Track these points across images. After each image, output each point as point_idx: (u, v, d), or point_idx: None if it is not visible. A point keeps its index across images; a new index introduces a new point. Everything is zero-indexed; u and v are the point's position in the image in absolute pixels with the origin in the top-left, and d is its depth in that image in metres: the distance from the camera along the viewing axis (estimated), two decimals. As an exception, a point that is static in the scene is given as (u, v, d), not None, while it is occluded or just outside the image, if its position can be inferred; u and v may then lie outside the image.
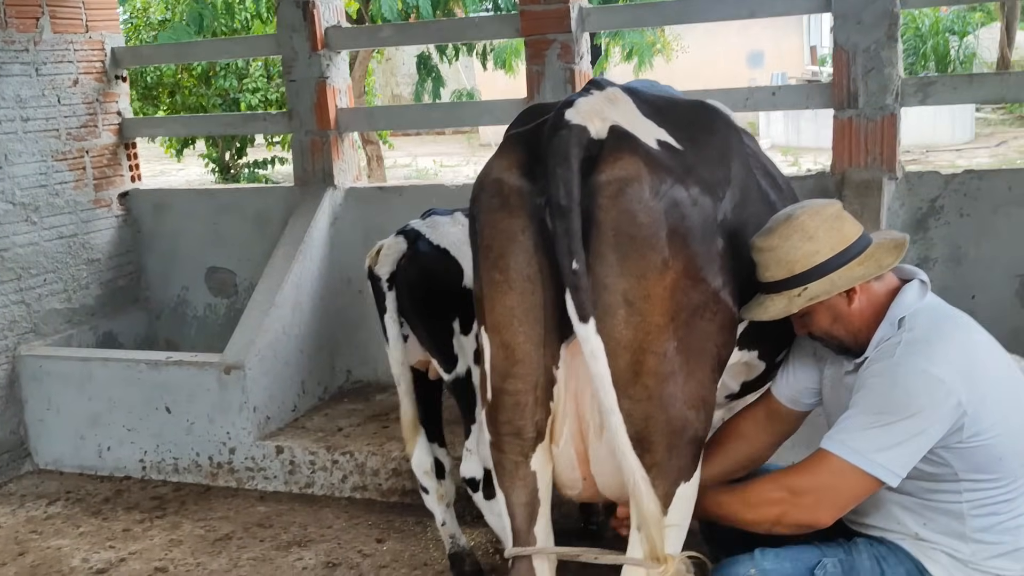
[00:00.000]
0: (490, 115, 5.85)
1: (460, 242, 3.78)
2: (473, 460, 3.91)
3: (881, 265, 2.61)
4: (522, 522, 2.72)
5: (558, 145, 2.40)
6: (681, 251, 2.48)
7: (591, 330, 2.37)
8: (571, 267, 2.35)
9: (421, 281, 3.69)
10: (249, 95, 15.74)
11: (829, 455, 2.54)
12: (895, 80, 4.73)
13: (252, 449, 5.31)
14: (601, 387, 2.40)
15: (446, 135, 29.26)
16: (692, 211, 2.49)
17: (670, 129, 2.62)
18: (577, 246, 2.36)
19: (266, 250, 6.16)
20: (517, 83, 21.53)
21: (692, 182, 2.51)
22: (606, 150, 2.45)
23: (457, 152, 25.27)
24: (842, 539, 2.72)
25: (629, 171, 2.41)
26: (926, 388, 2.47)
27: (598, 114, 2.52)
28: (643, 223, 2.41)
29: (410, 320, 3.77)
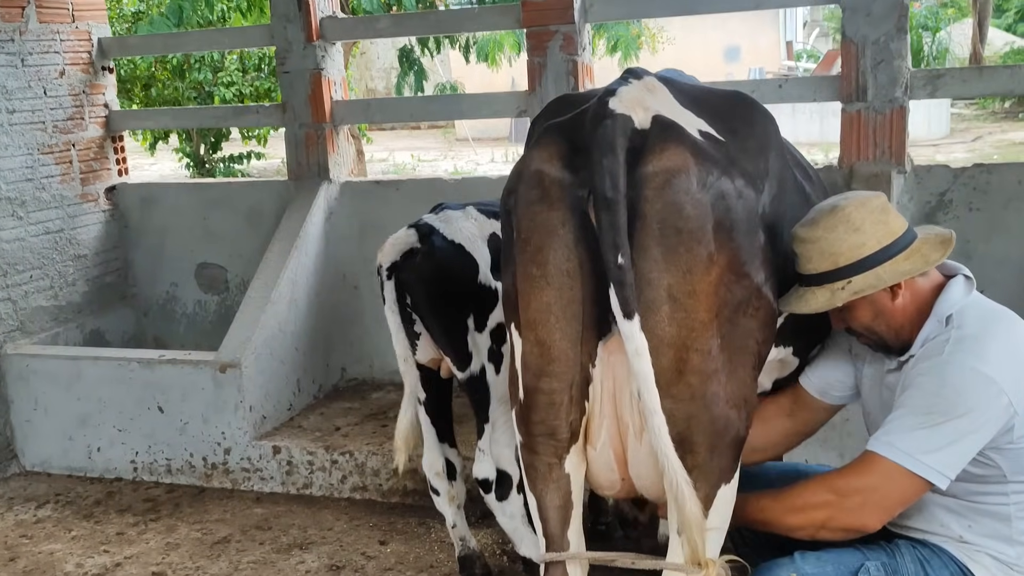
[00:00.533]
0: (489, 108, 5.75)
1: (474, 237, 3.69)
2: (486, 461, 3.81)
3: (928, 260, 2.54)
4: (556, 526, 2.63)
5: (603, 135, 2.31)
6: (726, 245, 2.39)
7: (636, 327, 2.28)
8: (616, 262, 2.26)
9: (436, 277, 3.59)
10: (224, 88, 15.56)
11: (877, 457, 2.47)
12: (904, 72, 4.68)
13: (248, 449, 5.19)
14: (644, 387, 2.31)
15: (422, 129, 29.11)
16: (737, 203, 2.41)
17: (709, 119, 2.54)
18: (623, 240, 2.26)
19: (258, 246, 6.05)
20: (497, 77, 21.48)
21: (737, 174, 2.43)
22: (652, 140, 2.35)
23: (434, 147, 25.16)
24: (883, 542, 2.65)
25: (676, 162, 2.32)
26: (976, 387, 2.40)
27: (640, 103, 2.44)
28: (690, 216, 2.32)
29: (424, 317, 3.67)
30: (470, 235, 3.68)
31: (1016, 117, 24.63)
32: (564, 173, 2.39)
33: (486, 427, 3.80)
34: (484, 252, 3.67)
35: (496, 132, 26.50)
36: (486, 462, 3.81)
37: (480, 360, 3.68)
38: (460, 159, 21.86)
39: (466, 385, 3.75)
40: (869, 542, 2.64)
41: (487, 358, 3.68)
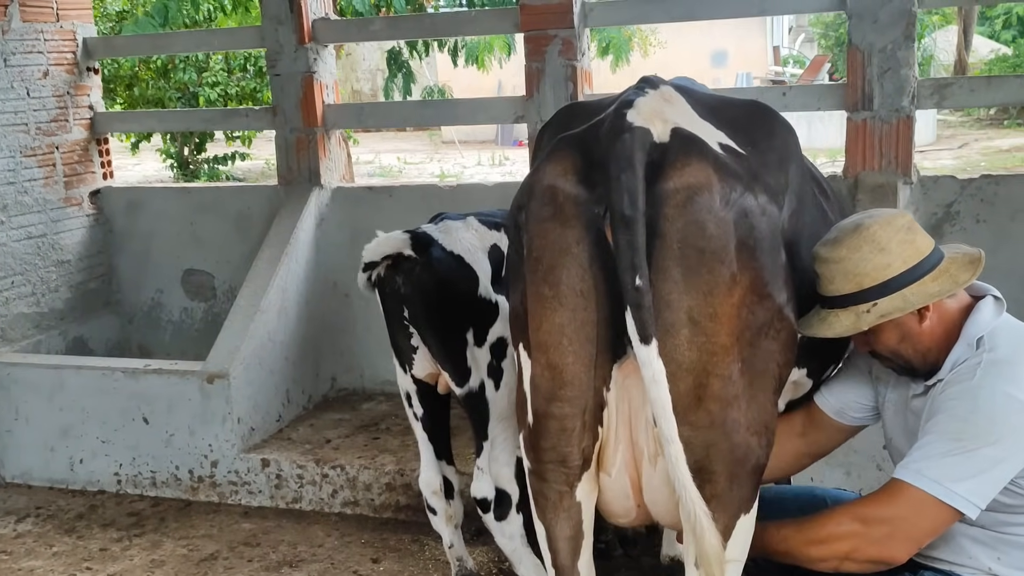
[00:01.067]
0: (486, 113, 5.64)
1: (475, 248, 3.57)
2: (485, 479, 3.70)
3: (957, 282, 2.44)
4: (566, 557, 2.52)
5: (621, 149, 2.19)
6: (749, 265, 2.28)
7: (653, 353, 2.16)
8: (634, 284, 2.14)
9: (435, 289, 3.46)
10: (208, 89, 15.40)
11: (905, 485, 2.36)
12: (911, 81, 4.59)
13: (236, 462, 5.05)
14: (662, 414, 2.20)
15: (407, 131, 28.93)
16: (760, 221, 2.30)
17: (729, 132, 2.43)
18: (641, 260, 2.15)
19: (247, 252, 5.92)
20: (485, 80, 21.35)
21: (760, 190, 2.32)
22: (672, 155, 2.24)
23: (420, 149, 24.98)
24: (908, 574, 2.55)
25: (699, 178, 2.21)
26: (1010, 413, 2.30)
27: (659, 115, 2.32)
28: (712, 235, 2.21)
29: (421, 330, 3.55)
30: (470, 246, 3.56)
31: (1001, 124, 24.67)
32: (579, 189, 2.27)
33: (485, 445, 3.68)
34: (485, 264, 3.56)
35: (483, 135, 26.35)
36: (485, 481, 3.69)
37: (479, 376, 3.57)
38: (447, 162, 21.70)
39: (464, 401, 3.63)
40: (894, 575, 2.54)
41: (487, 373, 3.57)
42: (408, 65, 11.88)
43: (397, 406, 5.70)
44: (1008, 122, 24.83)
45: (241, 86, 15.70)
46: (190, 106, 14.70)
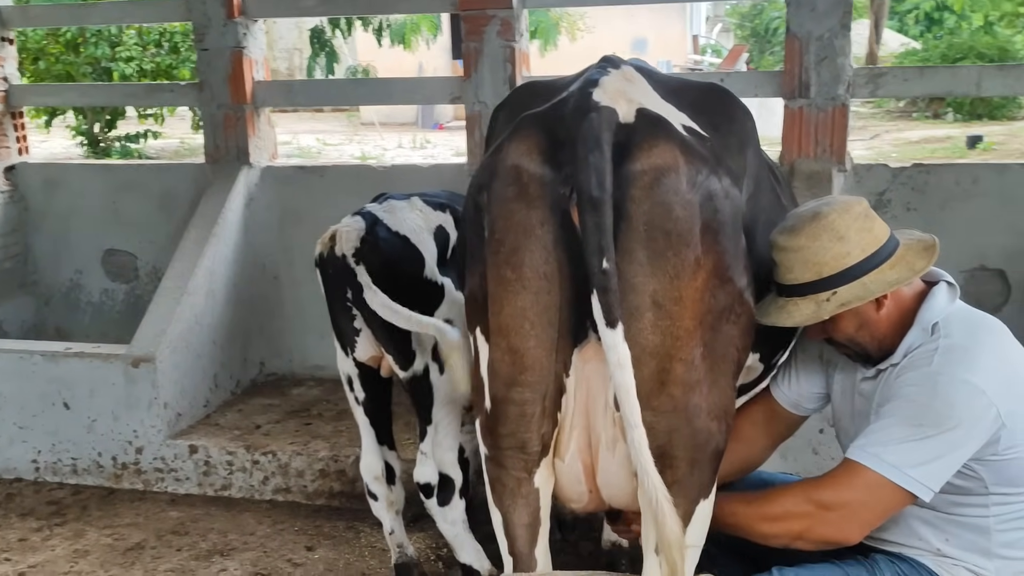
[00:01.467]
0: (421, 93, 5.57)
1: (420, 229, 3.50)
2: (428, 464, 3.64)
3: (914, 269, 2.45)
4: (524, 545, 2.48)
5: (588, 129, 2.14)
6: (713, 248, 2.26)
7: (619, 337, 2.12)
8: (601, 267, 2.10)
9: (381, 270, 3.38)
10: (123, 64, 14.97)
11: (862, 468, 2.37)
12: (847, 70, 4.64)
13: (162, 448, 4.90)
14: (626, 399, 2.16)
15: (324, 112, 28.50)
16: (724, 204, 2.27)
17: (691, 114, 2.40)
18: (608, 243, 2.10)
19: (171, 232, 5.76)
20: (405, 61, 21.07)
21: (723, 173, 2.29)
22: (638, 136, 2.20)
23: (338, 131, 24.60)
24: (860, 556, 2.57)
25: (666, 160, 2.17)
26: (967, 399, 2.32)
27: (623, 95, 2.28)
28: (679, 217, 2.18)
29: (365, 312, 3.46)
30: (416, 227, 3.49)
31: (910, 116, 25.34)
32: (544, 169, 2.22)
33: (429, 429, 3.62)
34: (431, 245, 3.49)
35: (402, 117, 26.09)
36: (428, 466, 3.64)
37: (424, 359, 3.50)
38: (367, 144, 21.40)
39: (408, 385, 3.57)
40: (846, 557, 2.55)
41: (431, 357, 3.50)
42: (331, 44, 11.70)
43: (328, 391, 5.64)
44: (917, 114, 25.50)
45: (157, 62, 15.29)
46: (102, 82, 14.24)
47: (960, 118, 23.79)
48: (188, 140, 20.21)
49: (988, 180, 4.73)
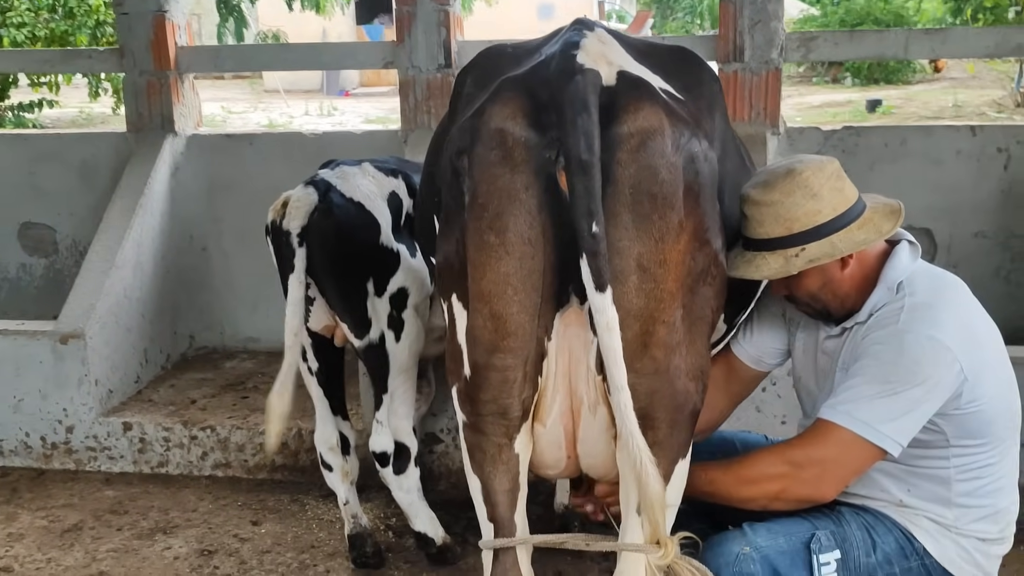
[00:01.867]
0: (353, 58, 5.46)
1: (374, 195, 3.45)
2: (384, 433, 3.63)
3: (881, 231, 2.49)
4: (505, 510, 2.47)
5: (575, 92, 2.12)
6: (694, 211, 2.27)
7: (608, 300, 2.12)
8: (591, 230, 2.09)
9: (335, 237, 3.32)
10: (14, 30, 14.34)
11: (835, 427, 2.42)
12: (780, 34, 4.70)
13: (94, 427, 4.76)
14: (613, 362, 2.16)
15: (226, 79, 27.84)
16: (704, 167, 2.28)
17: (663, 76, 2.40)
18: (598, 206, 2.09)
19: (92, 204, 5.58)
20: (307, 28, 20.71)
21: (702, 135, 2.30)
22: (622, 98, 2.19)
23: (241, 98, 24.07)
24: (827, 510, 2.62)
25: (652, 122, 2.17)
26: (933, 355, 2.38)
27: (603, 57, 2.26)
28: (664, 180, 2.18)
29: (320, 280, 3.40)
30: (369, 192, 3.44)
31: (810, 81, 25.92)
32: (529, 132, 2.19)
33: (384, 398, 3.61)
34: (385, 211, 3.44)
35: (307, 84, 25.65)
36: (384, 434, 3.63)
37: (379, 327, 3.47)
38: (272, 111, 21.03)
39: (363, 354, 3.53)
40: (814, 512, 2.61)
41: (387, 325, 3.47)
42: (240, 9, 11.40)
43: (262, 364, 5.55)
44: (817, 79, 26.11)
45: (51, 28, 14.69)
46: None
47: (858, 83, 24.44)
48: (86, 109, 19.56)
49: (915, 141, 4.86)
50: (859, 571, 2.50)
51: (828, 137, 4.84)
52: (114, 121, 17.19)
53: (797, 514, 2.60)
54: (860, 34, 4.82)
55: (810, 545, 2.51)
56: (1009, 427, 2.55)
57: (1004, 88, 20.54)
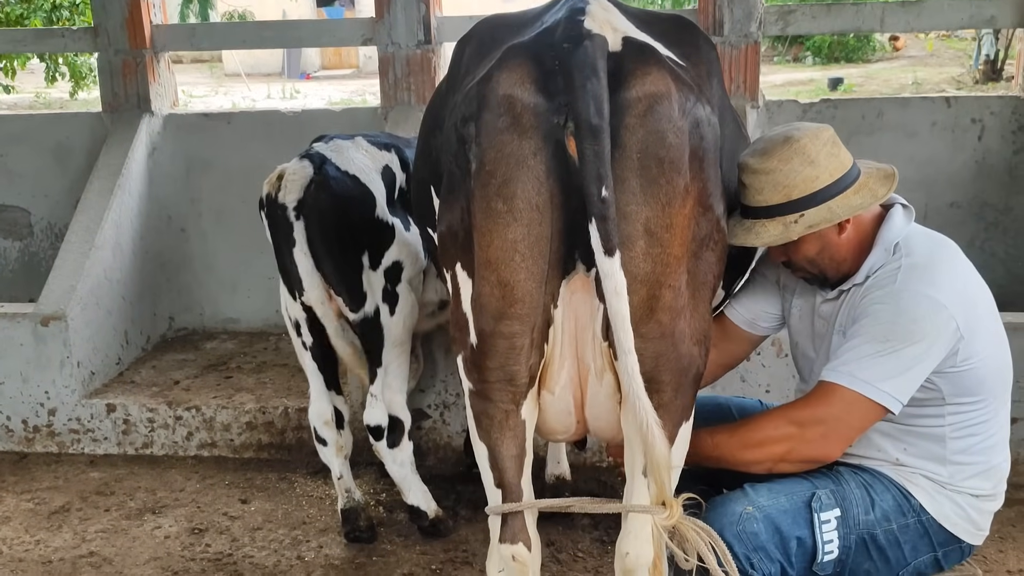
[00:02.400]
0: (332, 36, 5.43)
1: (368, 168, 3.46)
2: (378, 406, 3.64)
3: (876, 195, 2.54)
4: (513, 476, 2.49)
5: (584, 57, 2.14)
6: (698, 175, 2.29)
7: (616, 265, 2.14)
8: (600, 195, 2.10)
9: (332, 210, 3.33)
10: (-37, 10, 14.08)
11: (837, 387, 2.46)
12: (759, 7, 4.75)
13: (77, 409, 4.73)
14: (621, 327, 2.18)
15: (185, 63, 27.53)
16: (708, 132, 2.31)
17: (664, 43, 2.42)
18: (607, 170, 2.11)
19: (68, 185, 5.53)
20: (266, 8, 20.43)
21: (705, 101, 2.33)
22: (629, 64, 2.20)
23: (201, 82, 23.84)
24: (825, 470, 2.67)
25: (659, 87, 2.18)
26: (931, 314, 2.43)
27: (609, 23, 2.28)
28: (672, 144, 2.20)
29: (316, 254, 3.40)
30: (364, 166, 3.44)
31: (772, 61, 26.07)
32: (538, 98, 2.20)
33: (379, 371, 3.62)
34: (379, 184, 3.45)
35: (267, 67, 25.45)
36: (378, 408, 3.65)
37: (374, 300, 3.48)
38: (234, 94, 20.84)
39: (358, 327, 3.54)
40: (814, 472, 2.65)
41: (381, 298, 3.49)
42: (204, -11, 11.27)
43: (244, 344, 5.54)
44: (778, 59, 26.27)
45: (7, 11, 14.44)
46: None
47: (819, 61, 24.61)
48: (43, 94, 19.29)
49: (892, 113, 4.93)
50: (858, 528, 2.55)
51: (807, 110, 4.90)
52: (72, 106, 16.96)
53: (797, 474, 2.64)
54: (838, 7, 4.86)
55: (811, 504, 2.55)
56: (1001, 385, 2.61)
57: (962, 65, 20.81)
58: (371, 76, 24.21)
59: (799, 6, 4.84)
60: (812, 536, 2.52)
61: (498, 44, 2.42)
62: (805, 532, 2.52)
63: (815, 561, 2.52)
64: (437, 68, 5.11)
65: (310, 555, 3.82)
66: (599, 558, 3.71)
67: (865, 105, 4.94)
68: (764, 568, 2.49)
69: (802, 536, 2.51)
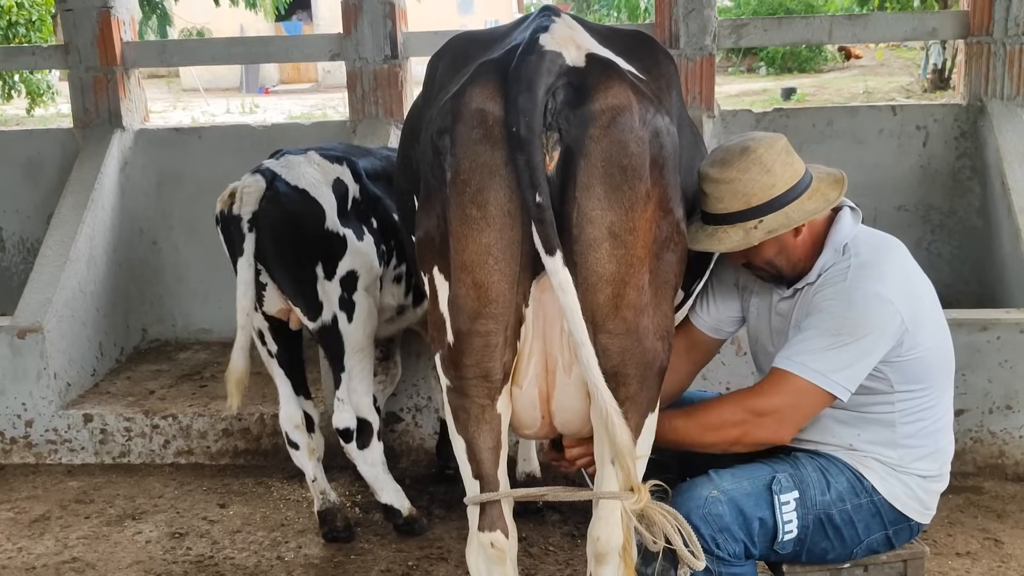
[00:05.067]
0: (300, 51, 5.56)
1: (319, 182, 3.59)
2: (346, 410, 3.76)
3: (828, 199, 2.72)
4: (490, 467, 2.63)
5: (524, 72, 2.30)
6: (659, 181, 2.45)
7: (559, 262, 2.29)
8: (535, 200, 2.26)
9: (283, 224, 3.47)
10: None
11: (790, 375, 2.63)
12: (713, 21, 4.94)
13: (54, 420, 4.80)
14: (572, 319, 2.33)
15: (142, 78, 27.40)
16: (667, 140, 2.48)
17: (625, 58, 2.58)
18: (540, 178, 2.26)
19: (39, 200, 5.60)
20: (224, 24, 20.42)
21: (664, 111, 2.49)
22: (593, 78, 2.37)
23: (159, 97, 23.71)
24: (784, 455, 2.84)
25: (621, 100, 2.35)
26: (878, 308, 2.61)
27: (572, 40, 2.44)
28: (633, 153, 2.36)
29: (271, 267, 3.54)
30: (314, 180, 3.57)
31: (727, 71, 26.46)
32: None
33: (343, 376, 3.74)
34: (330, 197, 3.58)
35: (226, 82, 25.42)
36: (346, 411, 3.76)
37: (331, 309, 3.59)
38: (193, 109, 20.82)
39: (318, 335, 3.66)
40: (773, 457, 2.83)
41: (339, 307, 3.60)
42: (163, 6, 11.34)
43: (217, 354, 5.63)
44: (732, 70, 26.66)
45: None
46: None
47: (773, 72, 25.03)
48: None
49: (841, 122, 5.15)
50: (815, 508, 2.71)
51: (760, 119, 5.10)
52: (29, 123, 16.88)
53: (758, 459, 2.81)
54: (788, 20, 5.08)
55: (771, 487, 2.71)
56: (945, 372, 2.80)
57: (911, 75, 21.27)
58: (330, 90, 24.28)
59: (751, 20, 5.05)
60: (773, 517, 2.68)
61: (470, 60, 2.58)
62: (766, 513, 2.68)
63: (776, 540, 2.69)
64: (404, 82, 5.26)
65: (290, 555, 3.93)
66: (570, 551, 3.86)
67: (816, 114, 5.15)
68: (728, 548, 2.65)
69: (764, 517, 2.67)
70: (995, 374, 4.15)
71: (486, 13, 25.21)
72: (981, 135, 5.03)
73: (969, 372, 4.13)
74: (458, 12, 26.31)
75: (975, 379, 4.16)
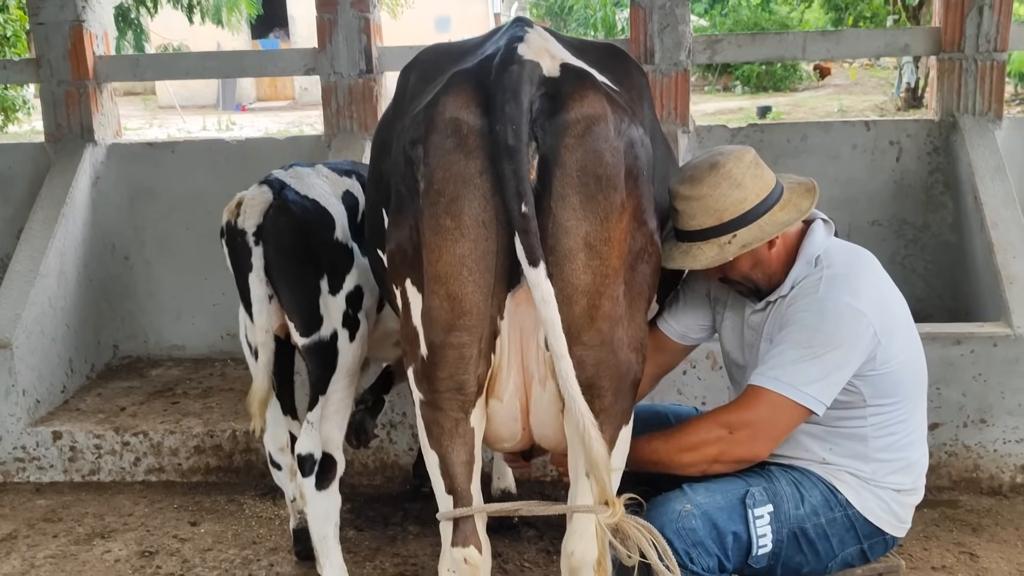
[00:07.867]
0: (275, 65, 5.54)
1: (328, 193, 3.51)
2: (313, 435, 3.44)
3: (800, 210, 2.72)
4: (464, 481, 2.60)
5: (508, 81, 2.28)
6: (633, 192, 2.44)
7: (542, 275, 2.27)
8: (520, 210, 2.24)
9: (292, 234, 3.35)
10: None
11: (764, 391, 2.62)
12: (688, 37, 4.95)
13: (22, 437, 4.73)
14: (552, 332, 2.31)
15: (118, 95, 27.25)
16: (641, 151, 2.47)
17: (598, 70, 2.57)
18: (526, 188, 2.25)
19: (9, 215, 5.55)
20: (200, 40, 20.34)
21: (638, 122, 2.49)
22: (567, 88, 2.36)
23: (135, 114, 23.66)
24: (758, 469, 2.83)
25: (596, 109, 2.34)
26: (851, 321, 2.61)
27: (546, 51, 2.43)
28: (608, 163, 2.35)
29: (274, 278, 3.43)
30: (324, 191, 3.50)
31: (703, 90, 26.64)
32: (482, 121, 2.34)
33: (321, 399, 3.49)
34: (339, 208, 3.50)
35: (202, 99, 25.36)
36: (313, 436, 3.44)
37: (332, 325, 3.45)
38: (169, 126, 20.74)
39: (309, 352, 3.49)
40: (747, 471, 2.81)
41: (341, 323, 3.45)
42: (139, 23, 11.30)
43: (189, 370, 5.58)
44: (708, 88, 26.84)
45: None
46: None
47: (748, 90, 25.21)
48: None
49: (815, 137, 5.17)
50: (789, 522, 2.70)
51: (735, 134, 5.11)
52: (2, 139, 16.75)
53: (732, 474, 2.79)
54: (762, 36, 5.10)
55: (745, 500, 2.70)
56: (917, 386, 2.80)
57: (885, 93, 21.48)
58: (307, 107, 24.25)
59: (726, 36, 5.07)
60: (747, 531, 2.66)
61: (442, 71, 2.56)
62: (740, 527, 2.67)
63: (750, 554, 2.67)
64: (379, 97, 5.24)
65: (261, 573, 3.88)
66: (545, 567, 3.83)
67: (790, 129, 5.17)
68: (703, 562, 2.63)
69: (738, 531, 2.66)
70: (969, 388, 4.16)
71: (463, 31, 25.26)
72: (953, 150, 5.06)
73: (943, 386, 4.14)
74: (435, 29, 26.38)
75: (949, 393, 4.17)
